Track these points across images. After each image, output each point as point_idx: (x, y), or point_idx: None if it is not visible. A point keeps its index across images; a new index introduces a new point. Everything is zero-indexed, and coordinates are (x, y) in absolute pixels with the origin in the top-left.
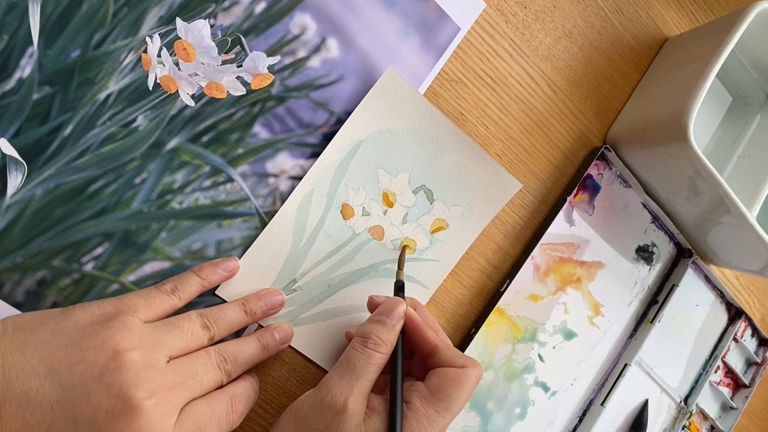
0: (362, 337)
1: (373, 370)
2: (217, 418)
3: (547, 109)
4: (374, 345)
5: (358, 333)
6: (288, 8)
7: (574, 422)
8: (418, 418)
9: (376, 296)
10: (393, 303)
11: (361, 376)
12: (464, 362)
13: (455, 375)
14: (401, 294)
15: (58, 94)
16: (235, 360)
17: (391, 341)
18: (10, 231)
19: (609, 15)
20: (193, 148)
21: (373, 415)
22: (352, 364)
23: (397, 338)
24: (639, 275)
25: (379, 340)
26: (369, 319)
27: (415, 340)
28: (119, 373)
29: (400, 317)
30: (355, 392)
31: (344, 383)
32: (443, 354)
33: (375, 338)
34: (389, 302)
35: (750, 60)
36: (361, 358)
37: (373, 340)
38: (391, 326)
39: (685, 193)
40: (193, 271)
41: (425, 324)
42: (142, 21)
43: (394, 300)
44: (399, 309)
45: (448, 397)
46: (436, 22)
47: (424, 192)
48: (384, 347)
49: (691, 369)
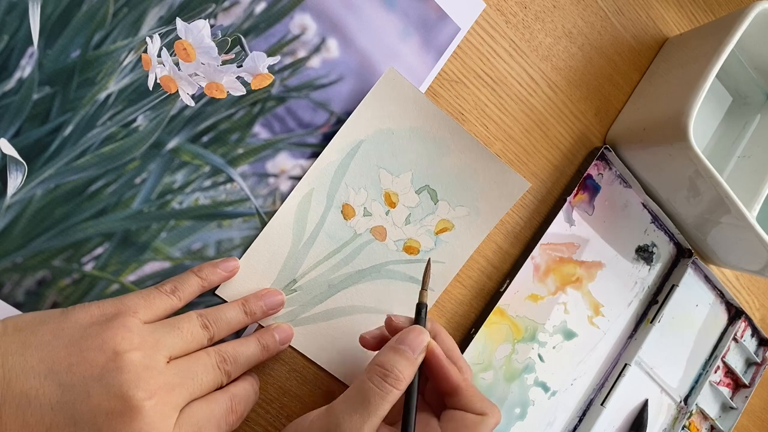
0: (382, 368)
1: (387, 408)
2: (217, 418)
3: (547, 109)
4: (395, 381)
5: (378, 363)
6: (288, 8)
7: (574, 422)
8: None
9: (395, 317)
10: (416, 333)
11: (374, 412)
12: (484, 409)
13: (473, 424)
14: (423, 318)
15: (58, 94)
16: (235, 360)
17: (410, 376)
18: (10, 231)
19: (609, 15)
20: (193, 148)
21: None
22: (366, 400)
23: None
24: (639, 275)
25: (400, 375)
26: (389, 347)
27: (435, 376)
28: (119, 374)
29: (422, 350)
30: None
31: (356, 419)
32: (464, 397)
33: (396, 373)
34: (412, 332)
35: (750, 60)
36: (378, 394)
37: (394, 375)
38: (412, 360)
39: (685, 193)
40: (193, 272)
41: (447, 360)
42: (142, 21)
43: (417, 330)
44: (422, 340)
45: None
46: (436, 22)
47: (427, 192)
48: (403, 383)
49: (691, 369)
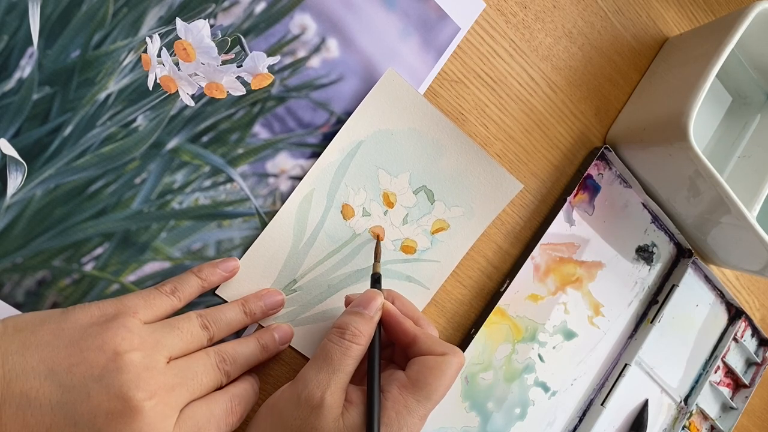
0: (339, 328)
1: (350, 363)
2: (217, 418)
3: (547, 109)
4: (352, 336)
5: (335, 325)
6: (288, 8)
7: (574, 422)
8: (397, 407)
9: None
10: (370, 295)
11: (339, 369)
12: (444, 350)
13: (435, 363)
14: (378, 286)
15: (58, 94)
16: (235, 361)
17: (368, 332)
18: (10, 231)
19: (609, 15)
20: (193, 148)
21: (351, 408)
22: (329, 357)
23: (374, 330)
24: (639, 275)
25: (357, 331)
26: (346, 311)
27: (393, 332)
28: (119, 374)
29: (377, 309)
30: (333, 386)
31: (321, 377)
32: (422, 343)
33: (353, 329)
34: (366, 294)
35: (750, 60)
36: (339, 350)
37: (351, 331)
38: (368, 318)
39: (685, 193)
40: (193, 272)
41: (402, 315)
42: (141, 21)
43: (371, 292)
44: (376, 301)
45: (428, 386)
46: (436, 22)
47: (424, 192)
48: (362, 338)
49: (691, 369)
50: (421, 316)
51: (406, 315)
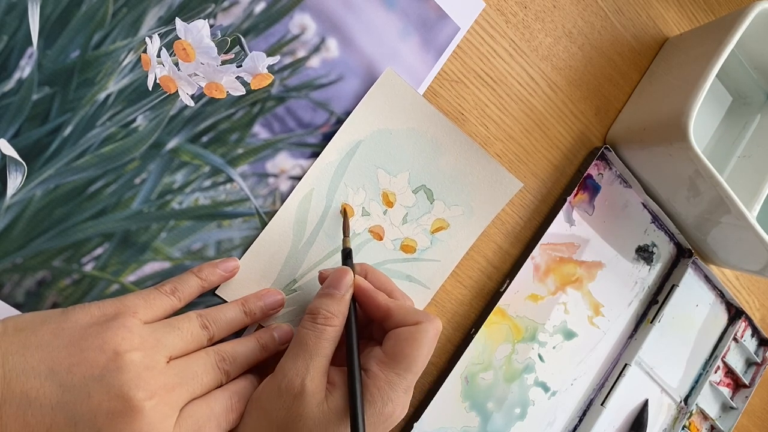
0: (311, 314)
1: (327, 346)
2: (217, 417)
3: (547, 109)
4: (324, 320)
5: (307, 310)
6: (288, 8)
7: (574, 422)
8: (379, 384)
9: (324, 270)
10: (340, 273)
11: (315, 353)
12: (418, 318)
13: (410, 333)
14: (349, 263)
15: (57, 94)
16: (234, 360)
17: (342, 312)
18: (10, 231)
19: (609, 15)
20: (192, 148)
21: (333, 390)
22: (304, 344)
23: (347, 309)
24: (639, 275)
25: (328, 314)
26: (317, 294)
27: (367, 307)
28: (119, 374)
29: (348, 286)
30: (311, 371)
31: (299, 364)
32: (396, 315)
33: (324, 313)
34: (336, 273)
35: (750, 60)
36: (312, 335)
37: (323, 314)
38: (339, 297)
39: (685, 193)
40: (193, 272)
41: (375, 290)
42: (141, 21)
43: (341, 270)
44: (347, 279)
45: (406, 357)
46: (435, 22)
47: (424, 192)
48: (335, 320)
49: (691, 369)
50: (395, 287)
51: (379, 288)
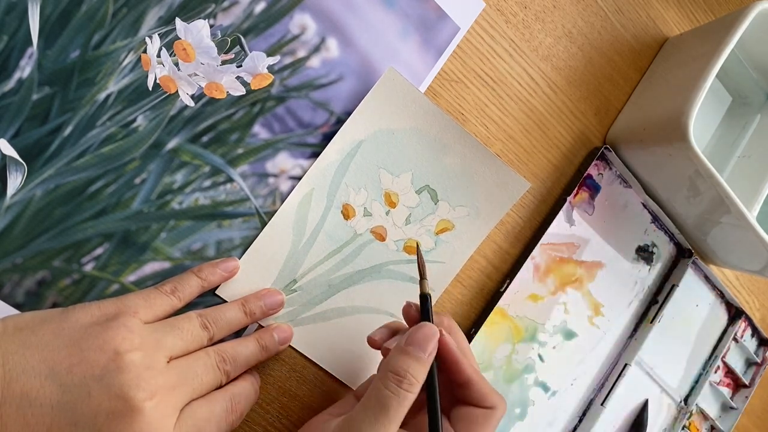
0: (396, 375)
1: (404, 411)
2: (217, 418)
3: (547, 109)
4: (409, 386)
5: (392, 369)
6: (288, 8)
7: (574, 422)
8: None
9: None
10: (428, 333)
11: (395, 419)
12: (494, 402)
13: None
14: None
15: (57, 94)
16: (234, 360)
17: (423, 377)
18: (10, 231)
19: (609, 15)
20: (192, 148)
21: None
22: (385, 407)
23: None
24: (639, 275)
25: (414, 380)
26: (401, 349)
27: (448, 369)
28: (120, 374)
29: (433, 349)
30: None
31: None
32: (475, 390)
33: (410, 378)
34: (423, 331)
35: (750, 60)
36: (396, 400)
37: (408, 380)
38: (423, 361)
39: (685, 193)
40: (193, 272)
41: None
42: (141, 21)
43: (429, 329)
44: (432, 340)
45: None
46: (435, 22)
47: (428, 192)
48: (417, 386)
49: (691, 369)
50: (467, 345)
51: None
